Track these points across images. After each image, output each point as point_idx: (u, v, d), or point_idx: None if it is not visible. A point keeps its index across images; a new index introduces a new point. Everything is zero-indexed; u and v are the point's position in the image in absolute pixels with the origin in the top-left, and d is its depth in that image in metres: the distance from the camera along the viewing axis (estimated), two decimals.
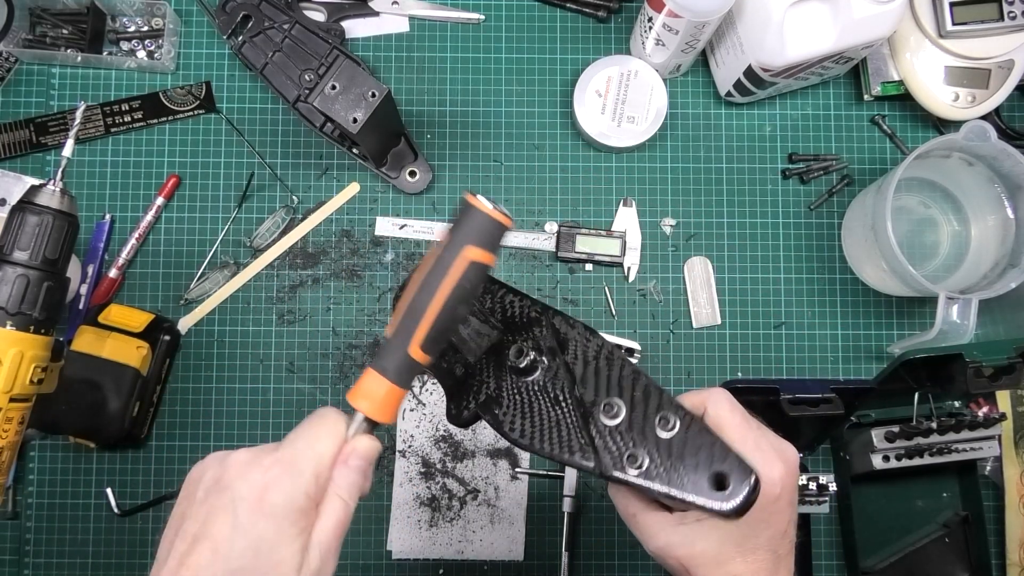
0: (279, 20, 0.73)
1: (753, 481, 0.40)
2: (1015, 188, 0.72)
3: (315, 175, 0.79)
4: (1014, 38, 0.73)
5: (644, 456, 0.43)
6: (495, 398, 0.47)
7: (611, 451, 0.43)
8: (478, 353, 0.48)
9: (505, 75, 0.81)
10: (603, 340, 0.46)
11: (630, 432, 0.43)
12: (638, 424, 0.44)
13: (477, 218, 0.43)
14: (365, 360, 0.77)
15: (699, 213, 0.80)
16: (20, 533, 0.75)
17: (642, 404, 0.44)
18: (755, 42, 0.69)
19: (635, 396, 0.44)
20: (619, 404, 0.44)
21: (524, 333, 0.47)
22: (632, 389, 0.44)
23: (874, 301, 0.79)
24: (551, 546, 0.76)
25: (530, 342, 0.47)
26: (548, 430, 0.45)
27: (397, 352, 0.42)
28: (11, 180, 0.77)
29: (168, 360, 0.75)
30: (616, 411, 0.44)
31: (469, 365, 0.48)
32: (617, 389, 0.45)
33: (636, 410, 0.44)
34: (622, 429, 0.44)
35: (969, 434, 0.69)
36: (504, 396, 0.46)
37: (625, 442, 0.43)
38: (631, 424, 0.44)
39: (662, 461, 0.42)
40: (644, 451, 0.43)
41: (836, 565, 0.77)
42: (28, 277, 0.56)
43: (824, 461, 0.78)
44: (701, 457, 0.42)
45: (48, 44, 0.78)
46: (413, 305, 0.42)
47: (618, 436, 0.44)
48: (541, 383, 0.46)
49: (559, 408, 0.45)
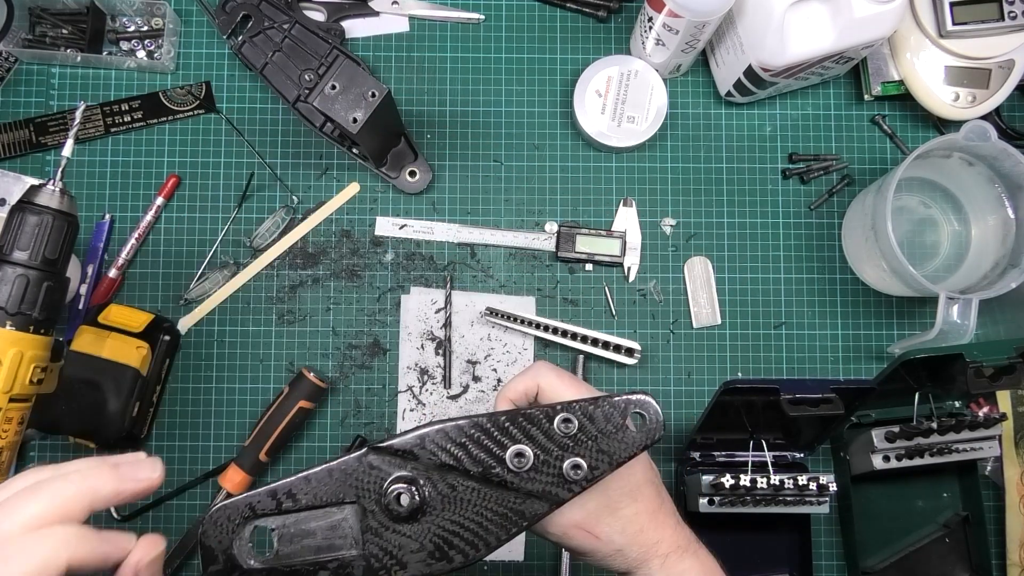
0: (279, 20, 0.73)
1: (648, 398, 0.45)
2: (1015, 188, 0.72)
3: (315, 175, 0.79)
4: (1014, 38, 0.73)
5: (578, 458, 0.44)
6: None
7: (549, 483, 0.44)
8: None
9: (505, 75, 0.81)
10: (456, 420, 0.44)
11: (547, 459, 0.44)
12: (548, 447, 0.44)
13: (307, 384, 0.72)
14: (365, 360, 0.77)
15: (699, 213, 0.80)
16: None
17: (535, 430, 0.44)
18: (755, 42, 0.69)
19: (526, 430, 0.44)
20: (519, 448, 0.44)
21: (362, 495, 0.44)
22: (517, 429, 0.44)
23: (874, 301, 0.79)
24: (551, 546, 0.76)
25: (371, 499, 0.44)
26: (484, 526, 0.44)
27: (251, 456, 0.70)
28: (11, 180, 0.77)
29: (168, 360, 0.75)
30: (522, 455, 0.44)
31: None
32: (502, 443, 0.44)
33: (536, 440, 0.44)
34: (539, 461, 0.44)
35: (969, 434, 0.69)
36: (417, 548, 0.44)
37: (552, 468, 0.44)
38: (544, 452, 0.44)
39: (592, 450, 0.44)
40: (572, 455, 0.44)
41: (836, 565, 0.77)
42: (28, 277, 0.56)
43: (824, 461, 0.78)
44: (607, 421, 0.44)
45: (48, 44, 0.78)
46: (263, 429, 0.72)
47: (542, 468, 0.44)
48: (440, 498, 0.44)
49: (474, 504, 0.44)
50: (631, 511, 0.48)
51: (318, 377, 0.73)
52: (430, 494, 0.44)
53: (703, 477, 0.69)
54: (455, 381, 0.77)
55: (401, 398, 0.77)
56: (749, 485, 0.67)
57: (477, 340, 0.78)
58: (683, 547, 0.49)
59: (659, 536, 0.48)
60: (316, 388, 0.73)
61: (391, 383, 0.77)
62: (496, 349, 0.78)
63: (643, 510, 0.48)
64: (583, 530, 0.48)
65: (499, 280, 0.78)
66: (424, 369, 0.77)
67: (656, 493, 0.50)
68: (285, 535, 0.43)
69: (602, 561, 0.49)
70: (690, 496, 0.72)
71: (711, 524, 0.71)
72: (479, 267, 0.78)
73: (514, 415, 0.44)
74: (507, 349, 0.78)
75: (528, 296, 0.78)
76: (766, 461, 0.69)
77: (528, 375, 0.50)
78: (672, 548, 0.48)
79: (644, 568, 0.48)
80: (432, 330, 0.78)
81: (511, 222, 0.79)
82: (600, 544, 0.48)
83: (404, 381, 0.77)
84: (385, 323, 0.78)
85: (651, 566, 0.48)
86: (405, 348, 0.77)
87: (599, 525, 0.48)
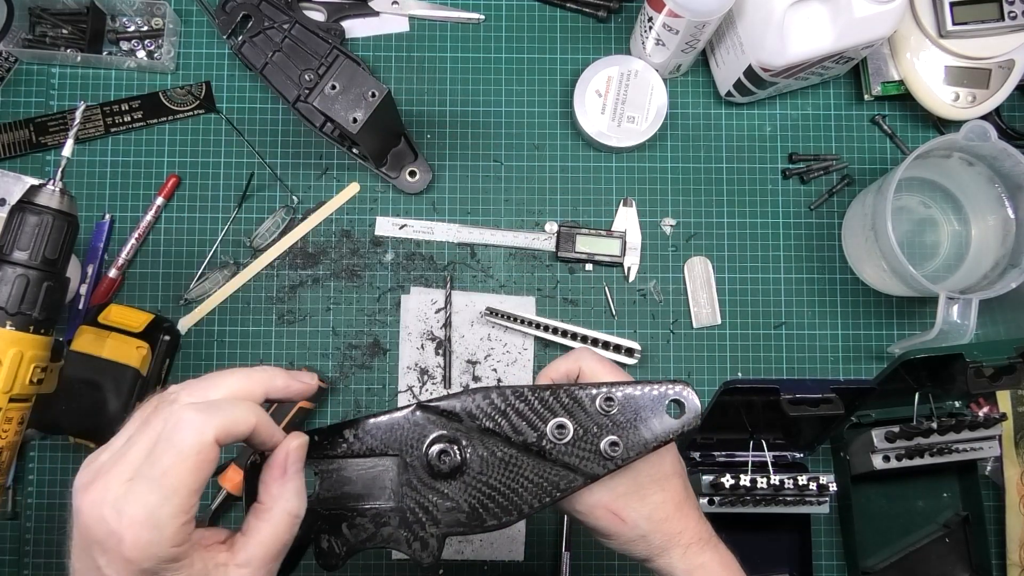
0: (279, 20, 0.73)
1: (687, 388, 0.46)
2: (1015, 188, 0.72)
3: (315, 175, 0.79)
4: (1014, 38, 0.73)
5: (615, 437, 0.45)
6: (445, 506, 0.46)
7: (586, 458, 0.45)
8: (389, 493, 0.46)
9: (505, 75, 0.81)
10: (501, 388, 0.46)
11: (586, 435, 0.46)
12: (587, 424, 0.46)
13: None
14: (365, 360, 0.77)
15: (699, 213, 0.80)
16: (20, 533, 0.75)
17: (577, 407, 0.46)
18: (755, 42, 0.69)
19: (567, 406, 0.46)
20: (560, 420, 0.45)
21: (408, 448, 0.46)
22: (559, 404, 0.46)
23: (874, 301, 0.79)
24: (551, 546, 0.76)
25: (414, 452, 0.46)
26: (519, 492, 0.45)
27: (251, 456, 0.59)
28: (11, 180, 0.77)
29: (168, 360, 0.75)
30: (563, 427, 0.45)
31: (399, 510, 0.46)
32: (544, 415, 0.46)
33: (577, 416, 0.46)
34: (578, 436, 0.46)
35: (969, 434, 0.69)
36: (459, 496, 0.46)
37: (590, 444, 0.45)
38: (583, 428, 0.46)
39: (630, 432, 0.46)
40: (610, 434, 0.45)
41: (836, 565, 0.77)
42: (28, 277, 0.56)
43: (824, 461, 0.78)
44: (646, 406, 0.46)
45: (48, 44, 0.78)
46: None
47: (581, 443, 0.46)
48: (479, 460, 0.46)
49: (511, 471, 0.45)
50: (659, 498, 0.49)
51: (318, 377, 0.73)
52: (470, 456, 0.45)
53: (703, 477, 0.69)
54: (455, 381, 0.77)
55: (401, 398, 0.77)
56: (749, 485, 0.67)
57: (477, 340, 0.78)
58: (705, 540, 0.50)
59: (683, 526, 0.49)
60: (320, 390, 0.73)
61: (391, 383, 0.77)
62: (496, 349, 0.78)
63: (670, 499, 0.49)
64: (610, 511, 0.48)
65: (499, 280, 0.78)
66: (424, 369, 0.77)
67: (683, 485, 0.51)
68: (327, 479, 0.45)
69: (624, 545, 0.50)
70: None
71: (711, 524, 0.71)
72: (479, 267, 0.78)
73: (558, 390, 0.46)
74: (507, 349, 0.78)
75: (528, 296, 0.78)
76: (766, 461, 0.69)
77: (571, 357, 0.51)
78: (694, 539, 0.49)
79: (665, 556, 0.49)
80: (432, 330, 0.78)
81: (511, 222, 0.79)
82: (625, 528, 0.49)
83: (404, 381, 0.77)
84: (385, 323, 0.78)
85: (672, 555, 0.49)
86: (405, 348, 0.77)
87: (627, 508, 0.48)
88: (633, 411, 0.46)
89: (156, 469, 0.36)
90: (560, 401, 0.46)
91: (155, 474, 0.35)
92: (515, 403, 0.46)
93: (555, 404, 0.46)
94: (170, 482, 0.35)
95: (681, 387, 0.46)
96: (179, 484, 0.36)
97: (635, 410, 0.46)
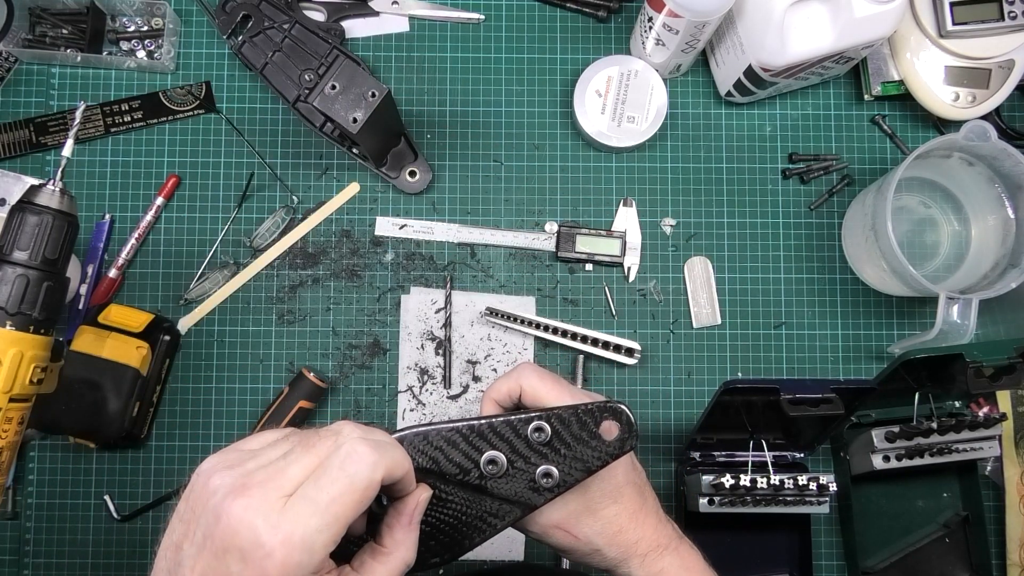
0: (279, 20, 0.73)
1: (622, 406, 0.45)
2: (1015, 188, 0.72)
3: (315, 175, 0.79)
4: (1014, 38, 0.73)
5: (549, 466, 0.45)
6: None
7: (521, 489, 0.45)
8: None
9: (505, 75, 0.81)
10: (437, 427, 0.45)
11: (520, 466, 0.45)
12: (524, 453, 0.45)
13: (307, 384, 0.73)
14: (365, 360, 0.77)
15: (699, 213, 0.80)
16: (20, 533, 0.75)
17: (512, 436, 0.45)
18: (755, 42, 0.69)
19: (503, 436, 0.45)
20: (492, 455, 0.45)
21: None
22: (495, 436, 0.45)
23: (874, 301, 0.79)
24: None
25: None
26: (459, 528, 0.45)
27: None
28: (11, 180, 0.77)
29: (168, 360, 0.75)
30: (494, 462, 0.45)
31: None
32: (479, 448, 0.45)
33: (510, 447, 0.45)
34: (513, 468, 0.45)
35: (969, 434, 0.69)
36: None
37: (525, 474, 0.45)
38: (519, 458, 0.45)
39: (566, 458, 0.45)
40: (544, 463, 0.45)
41: (836, 565, 0.77)
42: (28, 277, 0.56)
43: (824, 461, 0.78)
44: (581, 429, 0.45)
45: (48, 44, 0.78)
46: (263, 429, 0.61)
47: (516, 474, 0.45)
48: None
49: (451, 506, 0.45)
50: (611, 512, 0.49)
51: (318, 377, 0.73)
52: None
53: (703, 477, 0.69)
54: (455, 381, 0.77)
55: (401, 398, 0.77)
56: (749, 485, 0.67)
57: (477, 340, 0.78)
58: (663, 545, 0.50)
59: (639, 535, 0.49)
60: (316, 388, 0.73)
61: (391, 383, 0.77)
62: (496, 349, 0.78)
63: (623, 511, 0.49)
64: (562, 530, 0.49)
65: (499, 280, 0.78)
66: (424, 369, 0.77)
67: (638, 493, 0.50)
68: None
69: (581, 559, 0.50)
70: (690, 496, 0.72)
71: (711, 524, 0.71)
72: (479, 267, 0.78)
73: (494, 422, 0.45)
74: (507, 349, 0.78)
75: (528, 296, 0.78)
76: (766, 461, 0.69)
77: (511, 377, 0.50)
78: (652, 547, 0.49)
79: (624, 567, 0.49)
80: (432, 330, 0.78)
81: (511, 222, 0.79)
82: (580, 544, 0.49)
83: (404, 381, 0.77)
84: (385, 323, 0.78)
85: (631, 565, 0.49)
86: (405, 348, 0.77)
87: (578, 526, 0.48)
88: (568, 436, 0.45)
89: (324, 494, 0.35)
90: (496, 433, 0.45)
91: (321, 499, 0.35)
92: (451, 438, 0.45)
93: (490, 436, 0.45)
94: (335, 511, 0.35)
95: (615, 405, 0.46)
96: (341, 514, 0.35)
97: (570, 435, 0.45)
